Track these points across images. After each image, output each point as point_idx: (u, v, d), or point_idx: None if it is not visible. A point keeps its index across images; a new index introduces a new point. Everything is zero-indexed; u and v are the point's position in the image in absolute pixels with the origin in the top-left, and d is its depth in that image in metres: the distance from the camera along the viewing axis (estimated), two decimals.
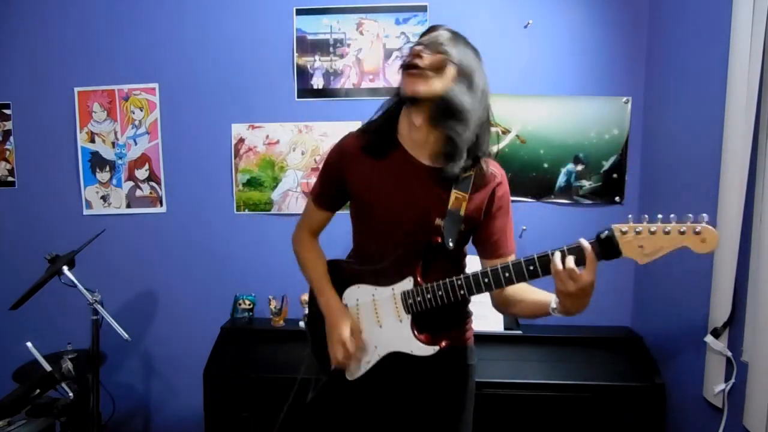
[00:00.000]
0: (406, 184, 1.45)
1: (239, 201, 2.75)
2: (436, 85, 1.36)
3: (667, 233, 1.16)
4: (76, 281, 2.19)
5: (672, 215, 1.17)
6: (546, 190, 2.59)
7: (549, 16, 2.55)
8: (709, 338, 1.84)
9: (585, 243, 1.23)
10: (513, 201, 2.37)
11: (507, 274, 1.34)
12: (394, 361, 1.48)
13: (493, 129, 2.57)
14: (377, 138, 1.49)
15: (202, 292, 2.80)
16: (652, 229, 1.16)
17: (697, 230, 1.14)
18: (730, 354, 1.79)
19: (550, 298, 1.38)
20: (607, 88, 2.55)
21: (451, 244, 1.42)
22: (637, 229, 1.17)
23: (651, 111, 2.48)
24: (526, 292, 1.47)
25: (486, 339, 2.35)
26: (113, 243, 2.75)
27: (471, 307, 1.60)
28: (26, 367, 2.35)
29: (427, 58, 1.35)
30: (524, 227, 2.45)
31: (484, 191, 1.47)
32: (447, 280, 1.40)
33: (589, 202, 2.57)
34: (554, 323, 2.58)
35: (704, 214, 1.14)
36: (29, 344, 2.28)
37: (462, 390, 1.57)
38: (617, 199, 2.57)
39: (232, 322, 2.62)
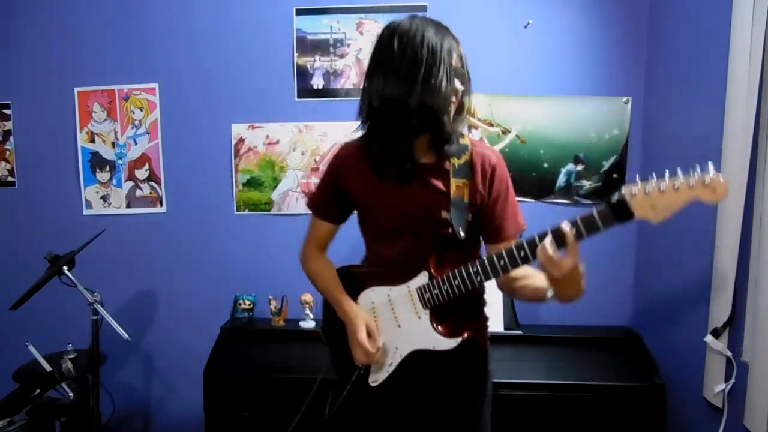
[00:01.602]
0: (408, 185, 1.45)
1: (239, 201, 2.75)
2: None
3: (677, 190, 1.15)
4: (76, 281, 2.19)
5: (679, 171, 1.15)
6: (546, 190, 2.59)
7: (549, 16, 2.55)
8: (709, 338, 1.84)
9: (565, 227, 1.23)
10: None
11: (511, 258, 1.32)
12: (416, 361, 1.47)
13: (493, 129, 2.60)
14: (399, 169, 1.44)
15: (202, 292, 2.80)
16: (661, 188, 1.15)
17: (706, 182, 1.13)
18: (730, 354, 1.79)
19: (547, 284, 1.36)
20: (607, 88, 2.55)
21: (462, 234, 1.42)
22: (647, 190, 1.16)
23: (651, 111, 2.48)
24: (528, 276, 1.45)
25: None
26: (113, 243, 2.75)
27: None
28: (26, 367, 2.35)
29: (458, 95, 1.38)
30: (524, 227, 2.45)
31: (483, 175, 1.47)
32: (462, 268, 1.39)
33: (590, 202, 2.57)
34: (554, 323, 2.59)
35: (710, 163, 1.13)
36: (29, 344, 2.29)
37: (480, 395, 1.56)
38: None
39: (232, 322, 2.62)
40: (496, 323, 2.39)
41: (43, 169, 2.83)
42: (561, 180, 2.57)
